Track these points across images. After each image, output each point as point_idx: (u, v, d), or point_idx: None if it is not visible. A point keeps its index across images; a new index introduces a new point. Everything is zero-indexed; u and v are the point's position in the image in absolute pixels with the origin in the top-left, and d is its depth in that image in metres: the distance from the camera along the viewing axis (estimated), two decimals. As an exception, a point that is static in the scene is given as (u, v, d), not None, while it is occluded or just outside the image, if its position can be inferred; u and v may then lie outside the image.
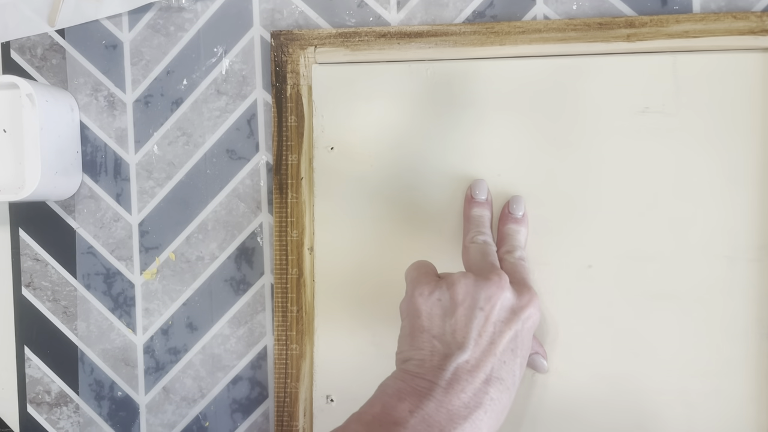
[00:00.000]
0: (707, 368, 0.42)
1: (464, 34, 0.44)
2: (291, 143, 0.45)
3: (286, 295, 0.46)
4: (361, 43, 0.45)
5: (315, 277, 0.46)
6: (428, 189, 0.45)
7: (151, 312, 0.49)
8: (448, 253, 0.44)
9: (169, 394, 0.49)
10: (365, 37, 0.45)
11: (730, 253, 0.42)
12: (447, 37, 0.44)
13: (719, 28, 0.42)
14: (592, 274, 0.43)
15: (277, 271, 0.46)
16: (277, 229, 0.46)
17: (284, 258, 0.45)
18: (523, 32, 0.43)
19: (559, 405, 0.43)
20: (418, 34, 0.44)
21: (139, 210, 0.49)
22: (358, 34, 0.45)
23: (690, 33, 0.42)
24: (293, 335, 0.45)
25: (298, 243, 0.45)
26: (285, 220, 0.45)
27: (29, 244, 0.50)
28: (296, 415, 0.46)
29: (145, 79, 0.49)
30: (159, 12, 0.49)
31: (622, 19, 0.42)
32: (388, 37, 0.44)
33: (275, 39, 0.45)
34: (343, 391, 0.45)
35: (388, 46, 0.44)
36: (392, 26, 0.45)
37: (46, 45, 0.50)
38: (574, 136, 0.43)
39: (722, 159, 0.42)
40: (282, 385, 0.46)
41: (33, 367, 0.50)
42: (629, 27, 0.42)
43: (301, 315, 0.45)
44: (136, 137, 0.49)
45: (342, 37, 0.45)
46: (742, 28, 0.41)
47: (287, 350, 0.45)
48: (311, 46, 0.45)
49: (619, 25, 0.42)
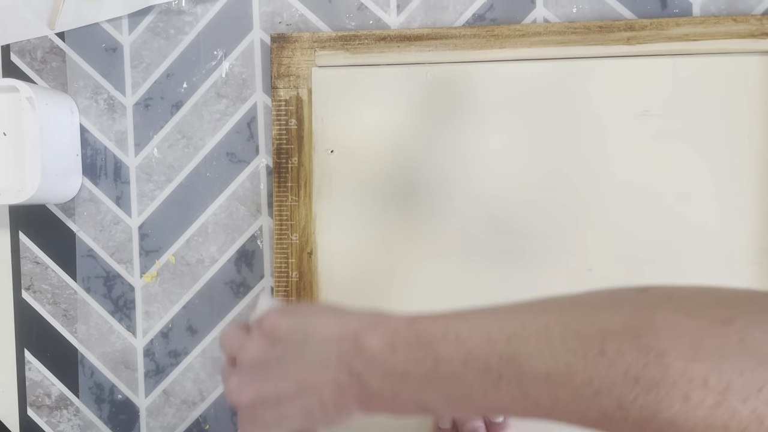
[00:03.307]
0: None
1: (464, 37, 0.44)
2: (291, 146, 0.45)
3: (286, 299, 0.46)
4: (361, 46, 0.45)
5: (316, 280, 0.46)
6: (428, 191, 0.45)
7: (151, 315, 0.49)
8: (448, 256, 0.44)
9: (169, 397, 0.49)
10: (365, 40, 0.45)
11: (731, 257, 0.42)
12: (447, 40, 0.44)
13: (719, 31, 0.42)
14: (593, 277, 0.43)
15: (277, 275, 0.46)
16: (277, 232, 0.46)
17: (285, 261, 0.45)
18: (523, 35, 0.43)
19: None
20: (418, 37, 0.44)
21: (139, 213, 0.49)
22: (358, 37, 0.45)
23: (690, 36, 0.42)
24: None
25: (299, 246, 0.45)
26: (285, 223, 0.45)
27: (29, 247, 0.50)
28: None
29: (145, 82, 0.49)
30: (159, 15, 0.49)
31: (622, 22, 0.42)
32: (387, 40, 0.44)
33: (275, 42, 0.45)
34: None
35: (388, 49, 0.44)
36: (392, 29, 0.45)
37: (46, 48, 0.50)
38: (575, 138, 0.43)
39: (723, 162, 0.42)
40: None
41: (33, 370, 0.50)
42: (629, 30, 0.42)
43: None
44: (136, 140, 0.49)
45: (342, 40, 0.45)
46: (742, 31, 0.41)
47: None
48: (311, 49, 0.45)
49: (619, 28, 0.42)
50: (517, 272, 0.44)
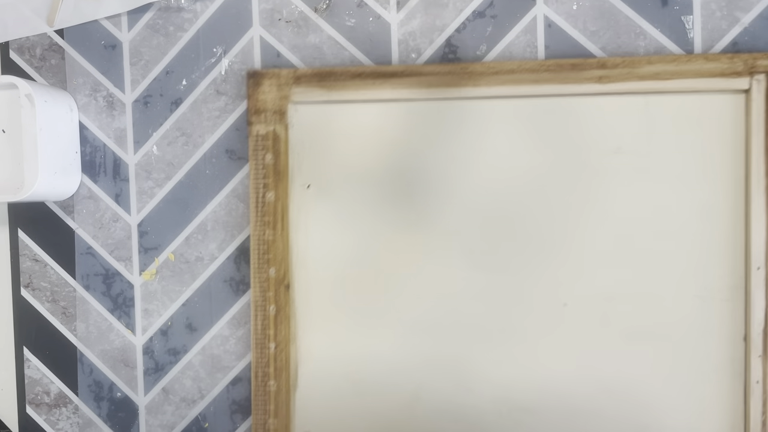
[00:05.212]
0: (681, 407, 0.42)
1: (438, 74, 0.44)
2: (268, 181, 0.45)
3: (265, 332, 0.45)
4: (336, 83, 0.45)
5: (293, 312, 0.46)
6: (405, 226, 0.45)
7: (150, 313, 0.49)
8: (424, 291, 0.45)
9: (168, 395, 0.49)
10: (341, 77, 0.45)
11: (704, 293, 0.42)
12: (421, 77, 0.44)
13: (690, 70, 0.42)
14: (568, 312, 0.43)
15: (254, 309, 0.46)
16: (255, 266, 0.45)
17: (263, 296, 0.45)
18: (497, 73, 0.43)
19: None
20: (393, 73, 0.44)
21: (138, 210, 0.49)
22: (334, 74, 0.45)
23: (661, 75, 0.42)
24: (271, 372, 0.45)
25: (276, 280, 0.45)
26: (263, 257, 0.45)
27: (28, 244, 0.50)
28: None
29: (144, 79, 0.49)
30: (158, 12, 0.49)
31: (594, 61, 0.42)
32: (363, 77, 0.44)
33: (251, 77, 0.45)
34: (324, 427, 0.45)
35: (363, 86, 0.44)
36: (367, 66, 0.45)
37: (45, 45, 0.50)
38: (549, 175, 0.43)
39: (694, 199, 0.42)
40: (261, 422, 0.45)
41: (32, 368, 0.50)
42: (601, 68, 0.42)
43: (278, 352, 0.45)
44: (135, 137, 0.49)
45: (318, 77, 0.45)
46: (713, 70, 0.41)
47: (265, 387, 0.45)
48: (287, 86, 0.45)
49: (591, 66, 0.42)
50: (494, 309, 0.44)
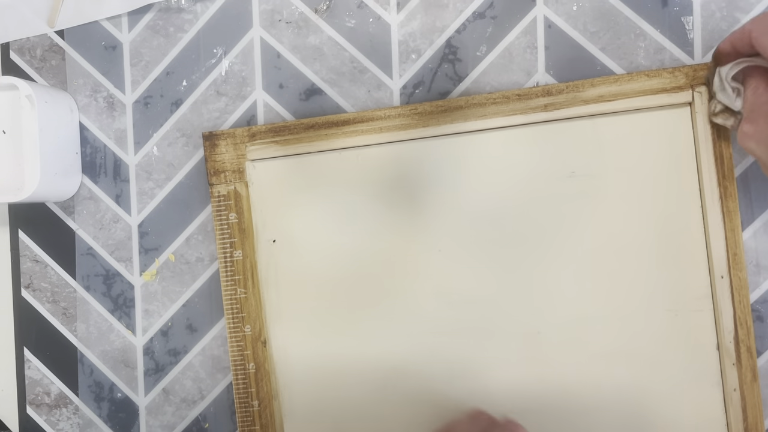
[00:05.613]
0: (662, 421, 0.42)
1: (389, 118, 0.44)
2: (234, 239, 0.45)
3: (247, 390, 0.45)
4: (290, 137, 0.45)
5: (272, 368, 0.46)
6: (373, 270, 0.45)
7: (150, 313, 0.49)
8: (397, 335, 0.45)
9: (168, 395, 0.49)
10: (294, 130, 0.45)
11: (674, 306, 0.42)
12: (373, 123, 0.44)
13: (633, 89, 0.42)
14: (542, 341, 0.43)
15: (234, 368, 0.46)
16: (230, 325, 0.45)
17: (240, 354, 0.45)
18: (445, 111, 0.43)
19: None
20: (345, 122, 0.44)
21: (138, 211, 0.49)
22: (287, 128, 0.45)
23: (605, 97, 0.42)
24: (257, 430, 0.45)
25: (252, 337, 0.45)
26: (237, 316, 0.45)
27: (29, 245, 0.50)
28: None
29: (145, 80, 0.49)
30: (158, 13, 0.49)
31: (539, 89, 0.43)
32: (316, 128, 0.45)
33: (207, 140, 0.45)
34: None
35: (317, 138, 0.45)
36: (319, 117, 0.45)
37: (45, 46, 0.50)
38: (508, 206, 0.44)
39: (653, 215, 0.42)
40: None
41: (32, 369, 0.50)
42: (546, 95, 0.43)
43: (262, 409, 0.45)
44: (135, 138, 0.49)
45: (272, 132, 0.45)
46: (655, 87, 0.42)
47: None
48: (242, 144, 0.45)
49: (536, 94, 0.43)
50: (467, 343, 0.44)
